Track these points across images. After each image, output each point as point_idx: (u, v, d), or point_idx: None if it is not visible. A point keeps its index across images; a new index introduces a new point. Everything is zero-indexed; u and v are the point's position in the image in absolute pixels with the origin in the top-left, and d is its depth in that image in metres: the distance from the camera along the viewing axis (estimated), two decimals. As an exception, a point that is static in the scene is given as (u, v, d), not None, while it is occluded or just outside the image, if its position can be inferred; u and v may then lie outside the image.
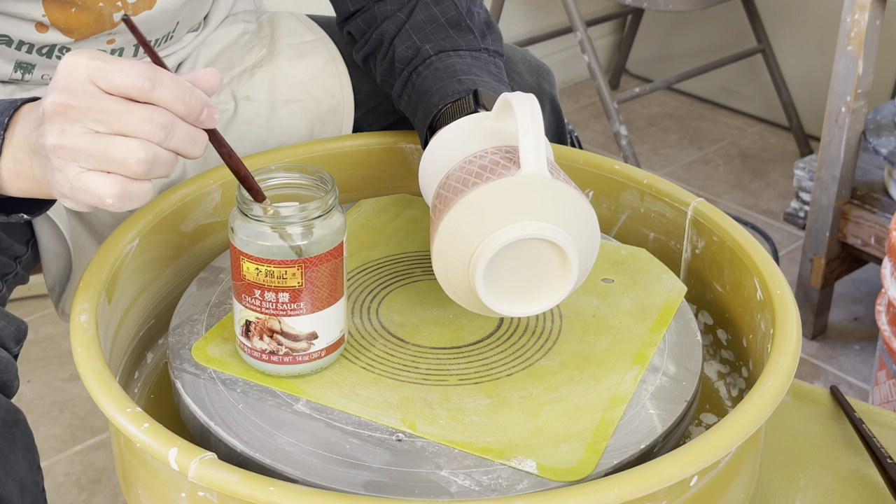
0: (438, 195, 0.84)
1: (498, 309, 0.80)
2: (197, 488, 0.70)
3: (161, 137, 0.70)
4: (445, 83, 0.94)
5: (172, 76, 0.70)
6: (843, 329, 1.89)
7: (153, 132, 0.69)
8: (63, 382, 1.70)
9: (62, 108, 0.70)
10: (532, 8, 2.74)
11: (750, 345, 0.91)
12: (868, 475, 0.92)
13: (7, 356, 0.82)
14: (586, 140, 2.59)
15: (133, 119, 0.69)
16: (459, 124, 0.89)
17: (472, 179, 0.81)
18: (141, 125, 0.69)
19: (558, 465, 0.74)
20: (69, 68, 0.70)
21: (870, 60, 1.67)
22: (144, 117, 0.69)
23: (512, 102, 0.81)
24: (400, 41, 1.00)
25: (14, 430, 0.80)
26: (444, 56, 0.98)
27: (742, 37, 2.60)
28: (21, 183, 0.75)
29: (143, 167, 0.70)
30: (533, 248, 0.79)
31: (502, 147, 0.84)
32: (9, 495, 0.79)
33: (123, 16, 0.74)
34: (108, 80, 0.69)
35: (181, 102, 0.70)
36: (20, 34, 0.93)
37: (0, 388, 0.81)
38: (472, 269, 0.79)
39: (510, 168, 0.80)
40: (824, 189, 1.76)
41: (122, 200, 0.71)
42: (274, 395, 0.80)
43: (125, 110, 0.69)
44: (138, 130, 0.69)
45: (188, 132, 0.71)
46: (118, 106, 0.69)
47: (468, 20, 1.00)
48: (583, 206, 0.80)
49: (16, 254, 0.94)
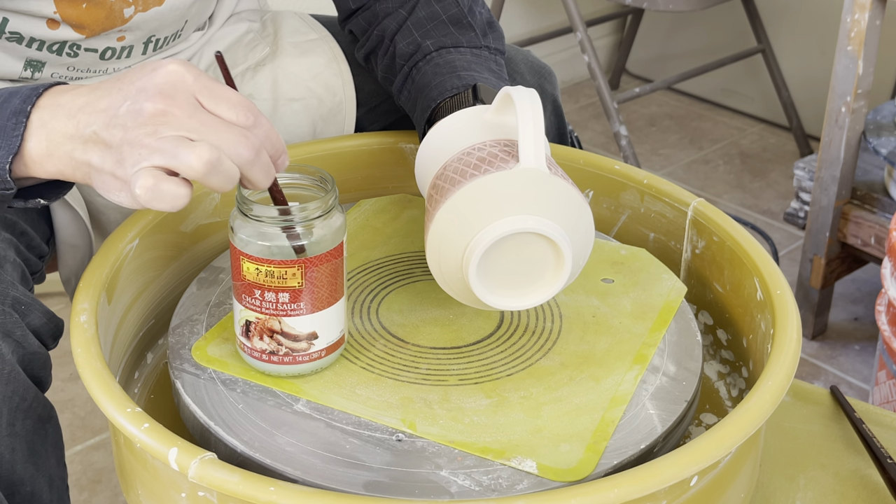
0: (435, 185, 0.84)
1: (490, 302, 0.80)
2: (197, 488, 0.70)
3: (247, 158, 0.71)
4: (444, 78, 0.95)
5: (266, 119, 0.73)
6: (843, 329, 1.89)
7: (244, 147, 0.71)
8: (63, 382, 1.70)
9: (161, 114, 0.70)
10: (532, 8, 2.74)
11: (750, 345, 0.91)
12: (868, 475, 0.92)
13: (45, 352, 0.82)
14: (586, 140, 2.60)
15: (229, 134, 0.71)
16: (458, 116, 0.89)
17: (469, 171, 0.81)
18: (235, 138, 0.71)
19: (558, 465, 0.74)
20: (175, 76, 0.71)
21: (870, 60, 1.67)
22: (240, 133, 0.71)
23: (513, 96, 0.81)
24: (401, 37, 1.01)
25: (47, 426, 0.81)
26: (445, 52, 0.98)
27: (742, 37, 2.60)
28: (53, 163, 0.74)
29: (200, 163, 0.70)
30: (528, 243, 0.79)
31: (501, 140, 0.84)
32: (40, 491, 0.80)
33: (217, 52, 0.75)
34: (213, 103, 0.71)
35: (269, 142, 0.73)
36: (31, 31, 0.93)
37: (36, 383, 0.81)
38: (466, 260, 0.79)
39: (509, 161, 0.80)
40: (824, 189, 1.76)
41: (151, 194, 0.70)
42: (274, 395, 0.80)
43: (224, 126, 0.71)
44: (231, 143, 0.71)
45: (268, 163, 0.73)
46: (218, 122, 0.71)
47: (469, 17, 1.01)
48: (579, 203, 0.80)
49: (41, 252, 0.95)
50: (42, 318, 0.83)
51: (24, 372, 0.79)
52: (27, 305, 0.82)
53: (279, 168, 0.75)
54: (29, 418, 0.79)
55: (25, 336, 0.80)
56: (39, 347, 0.82)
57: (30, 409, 0.79)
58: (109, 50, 0.98)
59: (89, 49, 0.97)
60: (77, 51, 0.97)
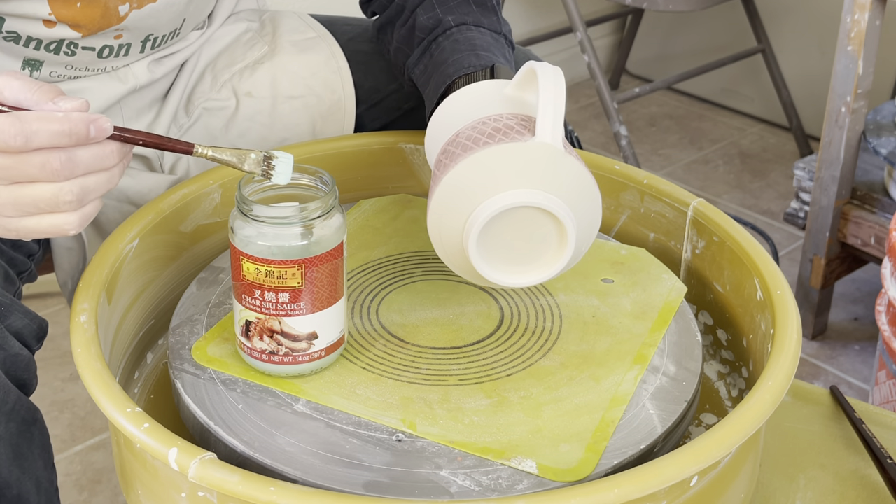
0: (445, 150, 0.82)
1: (488, 276, 0.79)
2: (197, 488, 0.70)
3: (67, 173, 0.71)
4: (463, 55, 0.94)
5: (39, 116, 0.71)
6: (843, 329, 1.89)
7: (57, 171, 0.70)
8: (63, 382, 1.70)
9: None
10: (532, 8, 2.74)
11: (750, 345, 0.91)
12: (868, 475, 0.92)
13: (28, 354, 0.82)
14: (586, 140, 2.60)
15: (31, 168, 0.70)
16: (477, 87, 0.88)
17: (483, 139, 0.79)
18: (41, 172, 0.70)
19: (558, 465, 0.74)
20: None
21: (870, 60, 1.67)
22: (39, 163, 0.70)
23: (538, 71, 0.79)
24: (422, 10, 1.00)
25: (32, 428, 0.81)
26: (465, 29, 0.98)
27: (742, 37, 2.60)
28: None
29: (77, 202, 0.72)
30: (532, 218, 0.78)
31: (519, 115, 0.82)
32: (26, 493, 0.80)
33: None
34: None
35: (62, 136, 0.71)
36: (28, 30, 0.93)
37: (20, 386, 0.81)
38: (467, 229, 0.78)
39: (524, 134, 0.78)
40: (824, 189, 1.76)
41: (82, 224, 0.73)
42: (274, 395, 0.80)
43: (20, 162, 0.70)
44: (43, 175, 0.70)
45: (91, 154, 0.72)
46: (11, 161, 0.70)
47: (493, 1, 1.00)
48: (589, 186, 0.79)
49: (30, 251, 0.95)
50: (24, 320, 0.82)
51: (5, 375, 0.79)
52: (7, 307, 0.82)
53: (99, 136, 0.72)
54: (12, 421, 0.78)
55: (6, 338, 0.80)
56: (21, 349, 0.81)
57: (12, 412, 0.78)
58: (107, 48, 0.98)
59: (87, 48, 0.97)
60: (74, 50, 0.96)
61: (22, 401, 0.80)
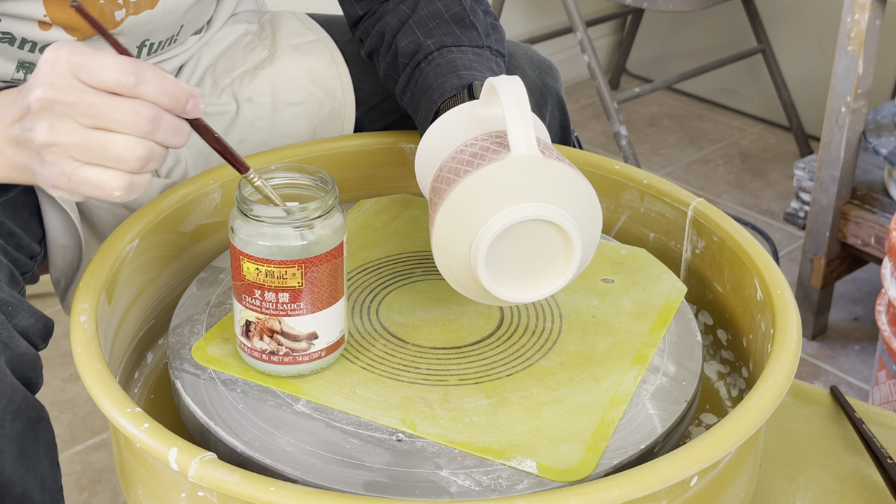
0: (434, 188, 0.83)
1: (502, 296, 0.79)
2: (197, 488, 0.70)
3: (148, 130, 0.71)
4: (445, 79, 0.94)
5: (155, 70, 0.72)
6: (843, 329, 1.89)
7: (140, 126, 0.71)
8: (63, 382, 1.70)
9: (48, 104, 0.71)
10: (532, 8, 2.74)
11: (750, 345, 0.91)
12: (868, 475, 0.92)
13: (34, 353, 0.82)
14: (586, 140, 2.60)
15: (119, 113, 0.71)
16: (449, 116, 0.88)
17: (463, 168, 0.80)
18: (128, 118, 0.71)
19: (558, 465, 0.74)
20: (51, 63, 0.71)
21: (870, 60, 1.67)
22: (131, 111, 0.71)
23: (496, 86, 0.80)
24: (403, 36, 1.00)
25: (38, 427, 0.81)
26: (446, 51, 0.97)
27: (742, 37, 2.60)
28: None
29: (140, 164, 0.72)
30: (533, 231, 0.78)
31: (492, 133, 0.83)
32: (31, 492, 0.80)
33: (74, 2, 0.73)
34: (92, 76, 0.70)
35: (166, 95, 0.72)
36: (23, 32, 0.93)
37: (26, 384, 0.81)
38: (472, 257, 0.78)
39: (500, 152, 0.79)
40: (824, 189, 1.76)
41: (128, 192, 0.73)
42: (274, 395, 0.80)
43: (112, 104, 0.71)
44: (125, 124, 0.71)
45: (173, 124, 0.73)
46: (104, 100, 0.71)
47: (472, 17, 1.00)
48: (580, 184, 0.79)
49: (32, 252, 0.95)
50: (30, 319, 0.83)
51: (11, 373, 0.79)
52: (14, 306, 0.82)
53: (192, 114, 0.74)
54: (18, 420, 0.79)
55: (12, 337, 0.80)
56: (28, 348, 0.81)
57: (18, 410, 0.79)
58: None
59: None
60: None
61: (28, 399, 0.80)
